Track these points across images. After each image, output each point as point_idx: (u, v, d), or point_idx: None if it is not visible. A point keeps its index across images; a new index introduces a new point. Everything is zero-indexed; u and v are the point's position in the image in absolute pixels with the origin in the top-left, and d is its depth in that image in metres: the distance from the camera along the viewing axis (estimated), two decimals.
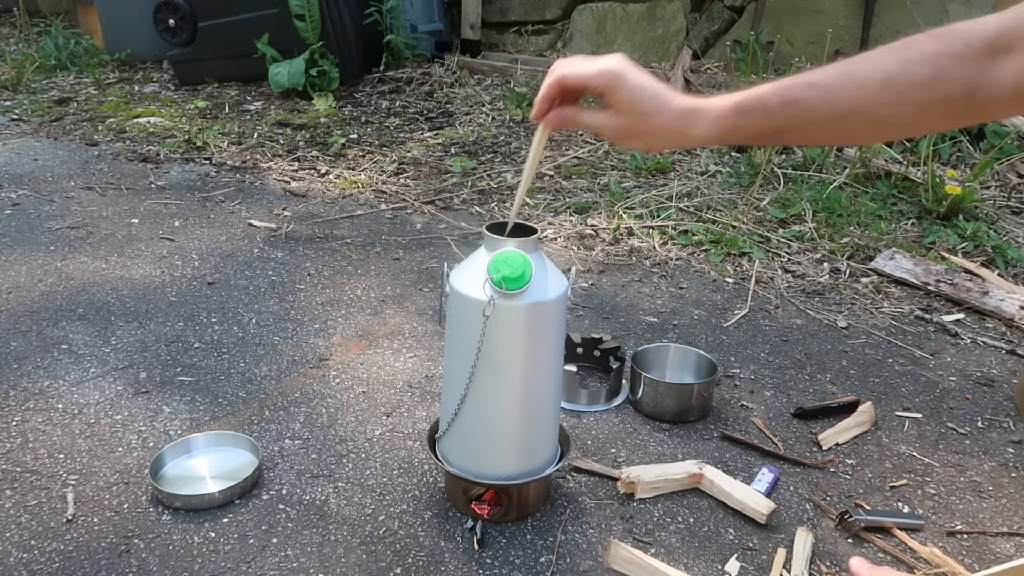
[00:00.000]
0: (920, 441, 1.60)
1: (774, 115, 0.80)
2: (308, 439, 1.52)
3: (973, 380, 1.83)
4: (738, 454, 1.53)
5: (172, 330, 1.92)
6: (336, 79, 4.24)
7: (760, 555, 1.27)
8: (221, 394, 1.66)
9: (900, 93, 0.74)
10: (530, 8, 5.23)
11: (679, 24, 4.77)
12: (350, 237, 2.54)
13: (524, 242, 1.18)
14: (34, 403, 1.60)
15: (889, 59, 0.75)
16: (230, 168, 3.19)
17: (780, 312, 2.14)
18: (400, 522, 1.31)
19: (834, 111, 0.78)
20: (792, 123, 0.80)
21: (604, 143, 3.46)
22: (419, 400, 1.67)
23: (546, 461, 1.31)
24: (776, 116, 0.80)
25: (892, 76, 0.74)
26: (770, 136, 0.85)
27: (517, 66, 4.68)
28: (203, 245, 2.44)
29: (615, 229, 2.59)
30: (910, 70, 0.74)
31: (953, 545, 1.31)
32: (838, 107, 0.77)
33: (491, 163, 3.29)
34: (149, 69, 4.96)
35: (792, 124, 0.80)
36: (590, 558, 1.25)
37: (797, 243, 2.54)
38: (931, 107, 0.74)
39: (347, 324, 1.98)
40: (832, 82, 0.78)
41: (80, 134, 3.61)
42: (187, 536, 1.27)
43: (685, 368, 1.76)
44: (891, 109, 0.75)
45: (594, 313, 2.09)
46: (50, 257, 2.30)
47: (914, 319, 2.12)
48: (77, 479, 1.39)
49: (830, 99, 0.77)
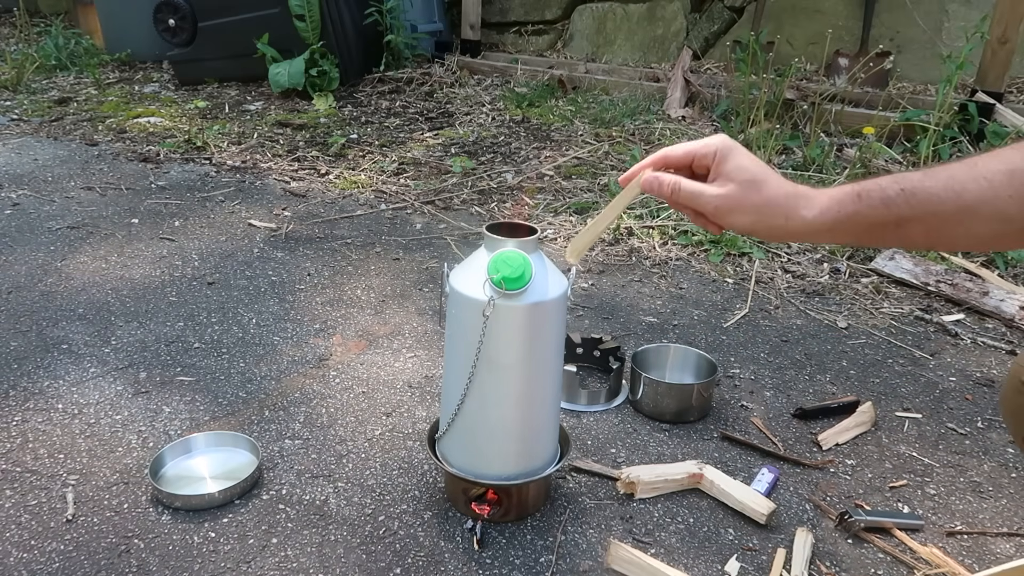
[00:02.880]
0: (920, 441, 1.60)
1: (893, 204, 0.74)
2: (308, 439, 1.52)
3: (973, 380, 1.83)
4: (738, 454, 1.53)
5: (172, 330, 1.92)
6: (336, 79, 4.24)
7: (760, 555, 1.27)
8: (221, 394, 1.66)
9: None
10: (530, 8, 5.23)
11: (679, 24, 4.77)
12: (350, 237, 2.54)
13: (524, 242, 1.18)
14: (34, 403, 1.60)
15: (1015, 153, 0.71)
16: (230, 168, 3.19)
17: (780, 312, 2.14)
18: (400, 522, 1.31)
19: (959, 203, 0.72)
20: (913, 213, 0.73)
21: (604, 143, 3.46)
22: (419, 400, 1.67)
23: (546, 461, 1.31)
24: (896, 205, 0.74)
25: (1017, 168, 0.70)
26: (890, 229, 0.76)
27: (517, 66, 4.68)
28: (203, 245, 2.43)
29: (615, 229, 2.60)
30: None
31: (953, 545, 1.31)
32: (963, 199, 0.71)
33: (491, 163, 3.29)
34: (149, 69, 4.96)
35: (913, 215, 0.74)
36: (590, 558, 1.25)
37: (797, 243, 2.54)
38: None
39: (347, 324, 1.98)
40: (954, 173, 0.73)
41: (80, 134, 3.61)
42: (187, 536, 1.27)
43: (685, 368, 1.76)
44: (1019, 204, 0.70)
45: (594, 313, 2.09)
46: (50, 257, 2.30)
47: (914, 319, 2.12)
48: (77, 479, 1.39)
49: (954, 189, 0.72)
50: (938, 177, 0.73)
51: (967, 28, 3.19)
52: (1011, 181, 0.70)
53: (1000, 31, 3.27)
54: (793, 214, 0.78)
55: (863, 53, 4.10)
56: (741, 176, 0.80)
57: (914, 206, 0.74)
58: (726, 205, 0.81)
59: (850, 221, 0.76)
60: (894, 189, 0.74)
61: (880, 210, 0.75)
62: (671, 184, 0.84)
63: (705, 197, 0.82)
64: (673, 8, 4.77)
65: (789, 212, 0.79)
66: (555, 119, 3.92)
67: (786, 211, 0.79)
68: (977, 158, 0.73)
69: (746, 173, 0.80)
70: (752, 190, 0.80)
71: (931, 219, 0.74)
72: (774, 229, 0.80)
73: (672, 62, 4.57)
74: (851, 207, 0.76)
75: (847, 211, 0.76)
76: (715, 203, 0.81)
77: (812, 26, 4.34)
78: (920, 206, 0.73)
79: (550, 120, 3.91)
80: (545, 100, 4.25)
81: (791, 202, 0.79)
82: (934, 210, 0.73)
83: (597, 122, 3.79)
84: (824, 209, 0.77)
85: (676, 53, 4.72)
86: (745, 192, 0.80)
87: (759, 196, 0.80)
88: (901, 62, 4.10)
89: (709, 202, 0.82)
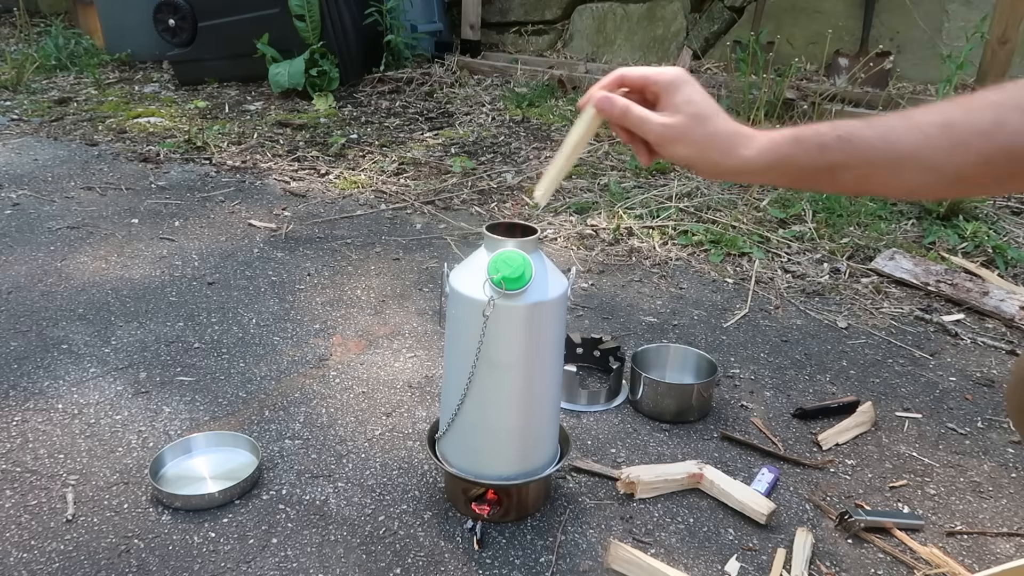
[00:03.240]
0: (920, 441, 1.60)
1: (829, 149, 0.76)
2: (308, 439, 1.52)
3: (973, 380, 1.83)
4: (738, 454, 1.53)
5: (172, 330, 1.92)
6: (336, 79, 4.24)
7: (760, 555, 1.27)
8: (221, 394, 1.66)
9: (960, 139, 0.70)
10: (530, 8, 5.23)
11: (679, 24, 4.77)
12: (350, 237, 2.54)
13: (524, 242, 1.18)
14: (34, 403, 1.60)
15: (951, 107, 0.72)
16: (230, 168, 3.19)
17: (780, 312, 2.14)
18: (400, 522, 1.31)
19: (892, 152, 0.74)
20: (847, 160, 0.75)
21: (604, 143, 3.46)
22: (419, 400, 1.67)
23: (546, 461, 1.31)
24: (830, 151, 0.76)
25: (952, 121, 0.71)
26: (823, 174, 0.78)
27: (517, 66, 4.68)
28: (203, 245, 2.44)
29: (615, 229, 2.60)
30: (971, 116, 0.70)
31: (953, 545, 1.31)
32: (897, 148, 0.73)
33: (491, 163, 3.29)
34: (149, 69, 4.96)
35: (847, 161, 0.75)
36: (590, 558, 1.25)
37: (797, 243, 2.54)
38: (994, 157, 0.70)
39: (347, 324, 1.98)
40: (892, 123, 0.74)
41: (80, 134, 3.61)
42: (187, 536, 1.27)
43: (685, 368, 1.76)
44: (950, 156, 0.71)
45: (594, 313, 2.09)
46: (50, 257, 2.30)
47: (914, 319, 2.12)
48: (77, 479, 1.39)
49: (888, 138, 0.74)
50: (875, 126, 0.75)
51: (967, 28, 3.19)
52: (945, 134, 0.71)
53: (1000, 31, 3.27)
54: (732, 151, 0.80)
55: (863, 53, 4.10)
56: (688, 109, 0.81)
57: (849, 153, 0.75)
58: (670, 135, 0.82)
59: (785, 164, 0.78)
60: (831, 136, 0.76)
61: (815, 155, 0.76)
62: (622, 106, 0.85)
63: (650, 124, 0.83)
64: (673, 8, 4.77)
65: (729, 149, 0.80)
66: (555, 119, 3.92)
67: (726, 148, 0.80)
68: (914, 110, 0.74)
69: (694, 107, 0.81)
70: (697, 123, 0.81)
71: (864, 167, 0.75)
72: (712, 164, 0.81)
73: (672, 62, 4.57)
74: (787, 149, 0.78)
75: (783, 152, 0.78)
76: (659, 131, 0.82)
77: (812, 26, 4.34)
78: (855, 153, 0.75)
79: (550, 120, 3.91)
80: (545, 100, 4.25)
81: (732, 140, 0.80)
82: (868, 158, 0.75)
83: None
84: (761, 150, 0.79)
85: (676, 53, 4.72)
86: (690, 124, 0.81)
87: (703, 130, 0.81)
88: (901, 62, 4.10)
89: (653, 129, 0.83)
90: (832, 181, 0.79)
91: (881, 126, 0.75)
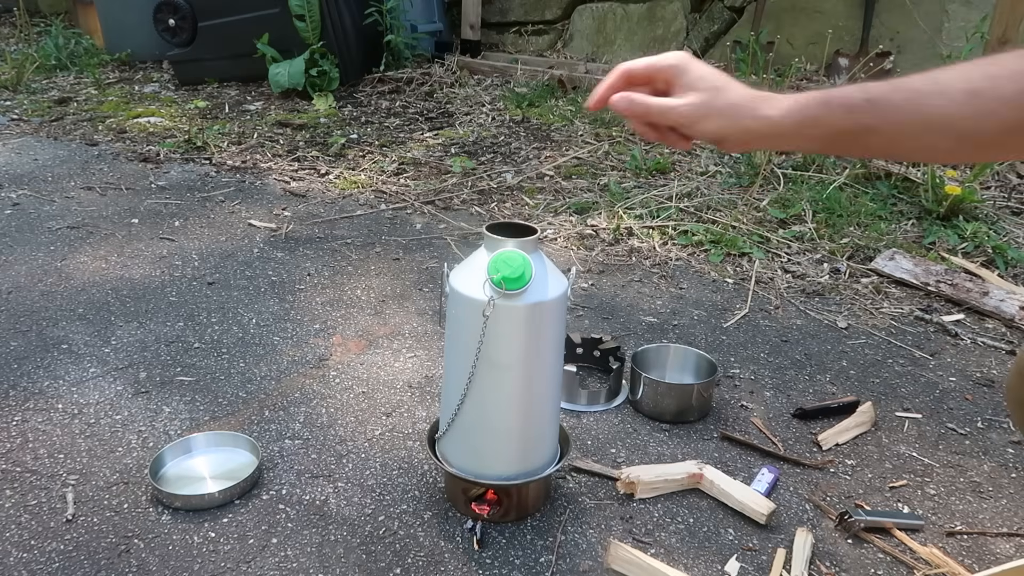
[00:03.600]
0: (920, 441, 1.60)
1: (857, 110, 0.75)
2: (308, 439, 1.53)
3: (973, 380, 1.83)
4: (738, 454, 1.53)
5: (172, 330, 1.92)
6: (336, 79, 4.24)
7: (760, 555, 1.27)
8: (221, 394, 1.66)
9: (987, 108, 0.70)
10: (530, 8, 5.23)
11: (679, 24, 4.77)
12: (350, 237, 2.54)
13: (524, 242, 1.18)
14: (34, 403, 1.60)
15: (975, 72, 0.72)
16: (230, 168, 3.19)
17: (780, 312, 2.14)
18: (400, 522, 1.31)
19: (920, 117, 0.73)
20: (875, 123, 0.74)
21: (604, 143, 3.46)
22: (419, 400, 1.67)
23: (546, 461, 1.31)
24: (858, 112, 0.74)
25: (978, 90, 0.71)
26: (850, 137, 0.77)
27: (517, 66, 4.68)
28: (203, 245, 2.44)
29: (615, 229, 2.59)
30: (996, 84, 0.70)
31: (953, 545, 1.31)
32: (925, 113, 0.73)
33: (491, 163, 3.29)
34: (149, 69, 4.96)
35: (875, 124, 0.74)
36: (590, 558, 1.25)
37: (797, 243, 2.54)
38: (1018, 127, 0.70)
39: (347, 324, 1.98)
40: (918, 86, 0.73)
41: (80, 134, 3.61)
42: (187, 536, 1.27)
43: (685, 368, 1.76)
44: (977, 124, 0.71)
45: (594, 313, 2.09)
46: (50, 257, 2.30)
47: (914, 319, 2.12)
48: (77, 479, 1.39)
49: (916, 102, 0.73)
50: (902, 90, 0.74)
51: (967, 28, 3.19)
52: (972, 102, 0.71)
53: (1000, 31, 3.27)
54: (759, 114, 0.79)
55: (863, 53, 4.10)
56: (704, 84, 0.82)
57: (876, 116, 0.74)
58: (696, 113, 0.82)
59: (813, 125, 0.77)
60: (860, 98, 0.75)
61: (842, 116, 0.76)
62: (642, 103, 0.84)
63: (675, 109, 0.82)
64: (673, 8, 4.77)
65: (753, 112, 0.80)
66: (555, 119, 3.92)
67: (752, 111, 0.80)
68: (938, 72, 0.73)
69: (708, 81, 0.82)
70: (718, 95, 0.81)
71: (891, 130, 0.75)
72: (744, 132, 0.81)
73: None
74: (814, 111, 0.77)
75: (810, 114, 0.77)
76: (685, 111, 0.82)
77: (812, 26, 4.34)
78: (883, 116, 0.74)
79: (550, 120, 3.91)
80: (545, 100, 4.25)
81: (756, 103, 0.80)
82: (896, 121, 0.74)
83: (597, 122, 3.79)
84: (788, 110, 0.78)
85: None
86: (712, 98, 0.81)
87: (725, 100, 0.81)
88: (901, 62, 4.10)
89: (680, 112, 0.82)
90: (859, 144, 0.80)
91: (908, 90, 0.74)
